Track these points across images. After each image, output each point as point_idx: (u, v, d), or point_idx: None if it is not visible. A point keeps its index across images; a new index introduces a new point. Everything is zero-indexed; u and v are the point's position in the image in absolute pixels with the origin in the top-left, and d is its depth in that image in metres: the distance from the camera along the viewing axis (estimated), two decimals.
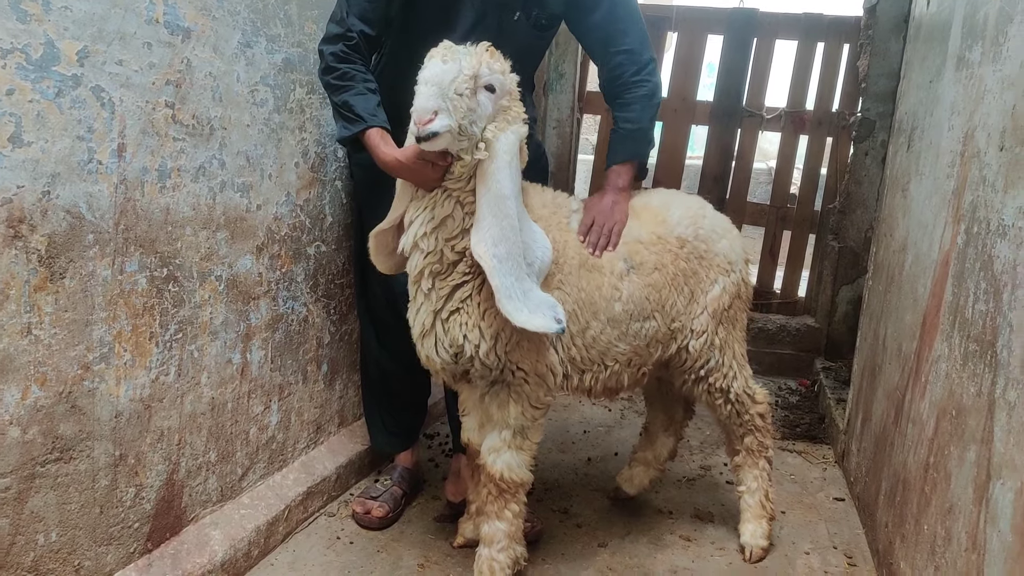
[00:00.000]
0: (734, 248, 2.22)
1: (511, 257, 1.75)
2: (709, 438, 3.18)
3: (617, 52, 2.18)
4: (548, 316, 1.78)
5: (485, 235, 1.75)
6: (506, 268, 1.74)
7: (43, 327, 1.52)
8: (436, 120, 1.69)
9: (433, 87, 1.69)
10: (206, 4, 1.83)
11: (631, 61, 2.18)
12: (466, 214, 1.82)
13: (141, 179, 1.71)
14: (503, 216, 1.75)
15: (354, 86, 1.98)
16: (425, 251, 1.84)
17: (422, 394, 2.60)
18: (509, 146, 1.79)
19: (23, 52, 1.43)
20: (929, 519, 1.77)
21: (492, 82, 1.76)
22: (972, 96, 1.83)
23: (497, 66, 1.78)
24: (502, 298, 1.74)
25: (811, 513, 2.62)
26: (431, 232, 1.82)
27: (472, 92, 1.72)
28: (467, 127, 1.73)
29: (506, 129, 1.80)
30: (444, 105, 1.69)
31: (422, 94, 1.70)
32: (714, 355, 2.18)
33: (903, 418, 2.11)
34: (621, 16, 2.18)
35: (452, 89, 1.69)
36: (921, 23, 2.58)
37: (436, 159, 1.79)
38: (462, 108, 1.70)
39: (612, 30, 2.17)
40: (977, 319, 1.61)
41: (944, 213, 1.95)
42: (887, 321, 2.49)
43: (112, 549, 1.76)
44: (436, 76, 1.70)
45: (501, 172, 1.76)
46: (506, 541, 1.99)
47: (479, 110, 1.75)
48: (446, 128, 1.69)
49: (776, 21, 4.19)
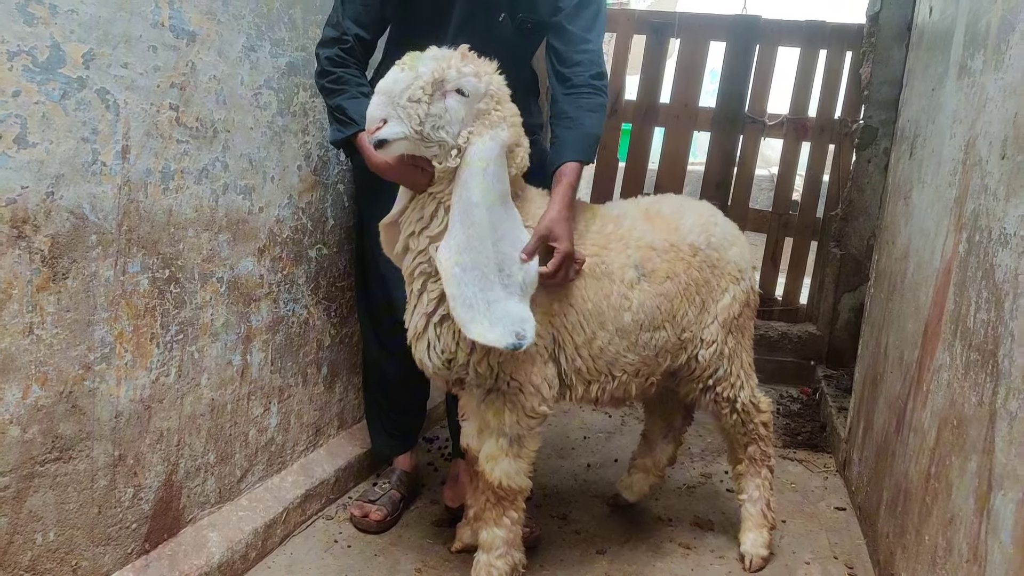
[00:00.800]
0: (744, 256, 2.21)
1: (477, 266, 1.72)
2: (710, 445, 3.17)
3: (577, 51, 2.11)
4: (507, 331, 1.71)
5: (451, 242, 1.73)
6: (469, 277, 1.71)
7: (45, 327, 1.53)
8: (385, 128, 1.69)
9: (383, 96, 1.69)
10: (211, 8, 1.84)
11: (591, 64, 2.10)
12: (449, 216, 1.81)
13: (144, 181, 1.71)
14: (470, 224, 1.72)
15: (347, 90, 2.00)
16: (415, 251, 1.84)
17: (421, 397, 2.60)
18: (483, 153, 1.74)
19: (29, 54, 1.44)
20: (930, 530, 1.76)
21: (462, 86, 1.72)
22: (974, 104, 1.83)
23: (468, 68, 1.73)
24: (457, 307, 1.71)
25: (812, 522, 2.61)
26: (419, 232, 1.82)
27: (431, 97, 1.69)
28: (430, 133, 1.71)
29: (483, 134, 1.75)
30: (393, 113, 1.68)
31: (372, 103, 1.71)
32: (723, 364, 2.16)
33: (904, 427, 2.11)
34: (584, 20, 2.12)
35: (404, 96, 1.67)
36: (923, 31, 2.58)
37: (423, 163, 1.79)
38: (417, 115, 1.68)
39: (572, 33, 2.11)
40: (979, 328, 1.60)
41: (946, 221, 1.95)
42: (889, 329, 2.48)
43: (110, 549, 1.76)
44: (387, 85, 1.70)
45: (472, 179, 1.73)
46: (504, 547, 1.98)
47: (447, 115, 1.72)
48: (396, 135, 1.69)
49: (778, 28, 4.20)
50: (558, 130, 2.07)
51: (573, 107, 2.06)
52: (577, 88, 2.08)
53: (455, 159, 1.75)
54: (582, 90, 2.08)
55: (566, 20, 2.12)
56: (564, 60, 2.12)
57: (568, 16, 2.12)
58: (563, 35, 2.13)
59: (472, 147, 1.74)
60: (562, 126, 2.06)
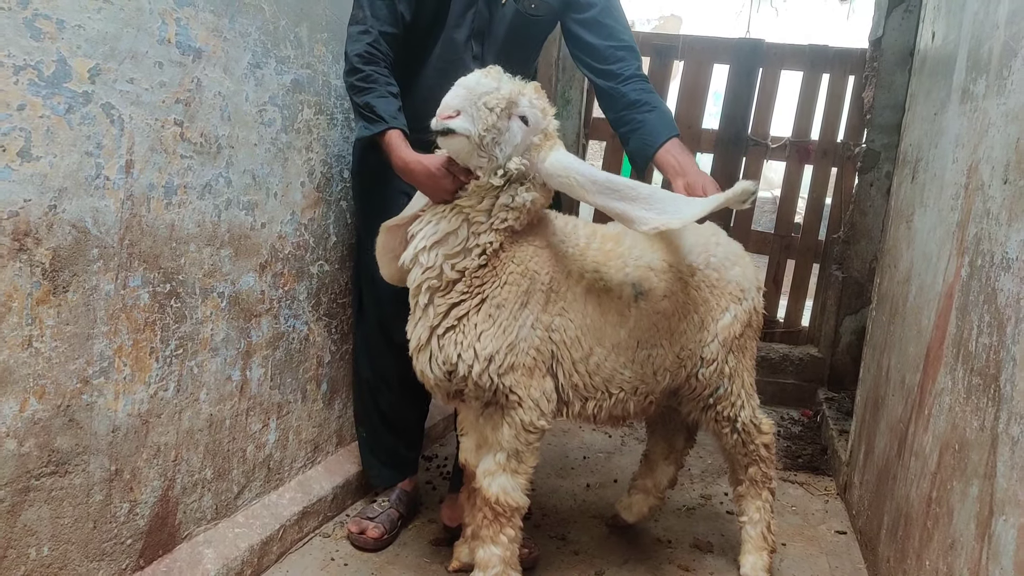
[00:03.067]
0: (746, 276, 2.20)
1: (663, 200, 1.80)
2: (710, 467, 3.15)
3: (618, 47, 2.18)
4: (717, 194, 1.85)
5: (638, 216, 1.79)
6: (674, 205, 1.80)
7: (44, 340, 1.53)
8: (457, 118, 1.72)
9: (463, 90, 1.74)
10: (218, 25, 1.85)
11: (633, 56, 2.19)
12: (472, 233, 1.82)
13: (147, 195, 1.72)
14: (627, 189, 1.79)
15: (376, 88, 2.00)
16: (424, 266, 1.84)
17: (417, 426, 2.55)
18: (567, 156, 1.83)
19: (35, 69, 1.45)
20: (931, 555, 1.75)
21: (528, 115, 1.79)
22: (976, 129, 1.84)
23: (538, 103, 1.81)
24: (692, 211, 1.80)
25: (812, 546, 2.59)
26: (431, 247, 1.83)
27: (502, 112, 1.74)
28: (488, 143, 1.75)
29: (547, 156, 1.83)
30: (469, 109, 1.72)
31: (451, 93, 1.75)
32: (723, 383, 2.16)
33: (906, 451, 2.10)
34: (616, 16, 2.20)
35: (482, 99, 1.72)
36: (926, 56, 2.60)
37: (459, 172, 1.81)
38: (487, 121, 1.72)
39: (611, 27, 2.18)
40: (981, 352, 1.60)
41: (948, 245, 1.95)
42: (891, 352, 2.48)
43: (104, 565, 1.74)
44: (470, 82, 1.75)
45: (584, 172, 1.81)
46: (501, 567, 1.97)
47: (507, 135, 1.77)
48: (464, 130, 1.72)
49: (782, 52, 4.23)
50: (639, 116, 2.13)
51: (638, 94, 2.14)
52: (629, 79, 2.15)
53: (498, 179, 1.79)
54: (635, 80, 2.16)
55: (600, 14, 2.17)
56: (606, 56, 2.17)
57: (603, 11, 2.17)
58: (599, 29, 2.18)
59: (553, 159, 1.82)
60: (641, 111, 2.13)
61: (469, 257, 1.83)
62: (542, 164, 1.82)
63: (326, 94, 2.31)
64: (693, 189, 1.97)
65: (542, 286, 1.89)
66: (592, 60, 2.21)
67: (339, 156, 2.41)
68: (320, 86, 2.27)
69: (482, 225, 1.82)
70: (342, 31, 2.15)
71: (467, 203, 1.82)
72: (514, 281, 1.85)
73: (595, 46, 2.19)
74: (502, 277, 1.85)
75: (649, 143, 2.10)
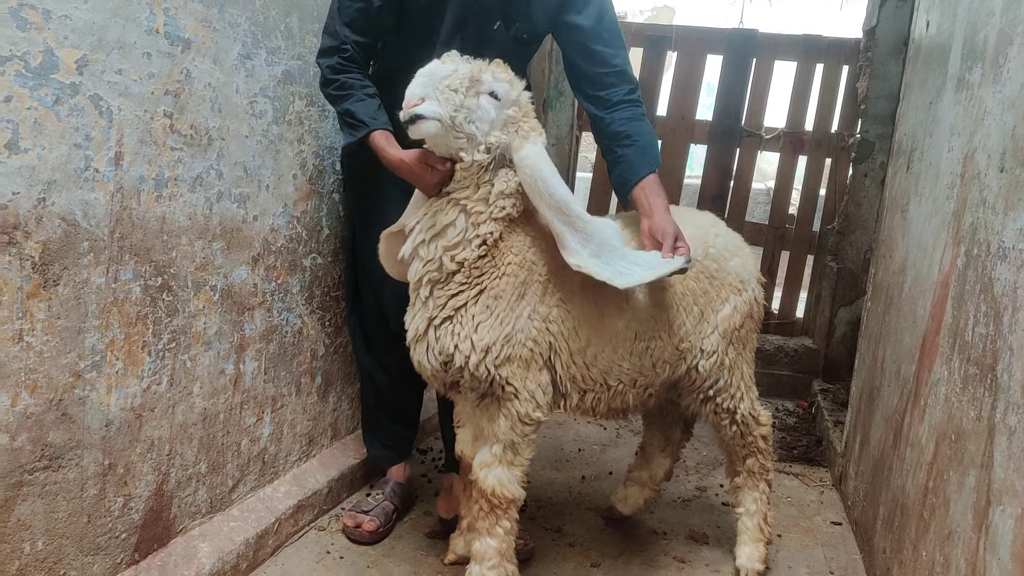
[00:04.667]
0: (746, 267, 2.20)
1: (604, 246, 1.81)
2: (705, 458, 3.16)
3: (608, 73, 2.14)
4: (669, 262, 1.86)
5: (571, 246, 1.80)
6: (607, 258, 1.81)
7: (35, 334, 1.51)
8: (423, 104, 1.73)
9: (423, 77, 1.76)
10: (207, 16, 1.83)
11: (623, 80, 2.15)
12: (471, 224, 1.82)
13: (138, 188, 1.70)
14: (576, 219, 1.79)
15: (353, 93, 2.01)
16: (424, 259, 1.84)
17: (413, 408, 2.59)
18: (543, 156, 1.81)
19: (22, 60, 1.43)
20: (927, 545, 1.75)
21: (496, 89, 1.80)
22: (972, 117, 1.83)
23: (503, 75, 1.82)
24: (617, 282, 1.79)
25: (808, 537, 2.59)
26: (430, 240, 1.83)
27: (468, 91, 1.75)
28: (462, 122, 1.75)
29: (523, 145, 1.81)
30: (432, 94, 1.74)
31: (412, 83, 1.76)
32: (723, 375, 2.15)
33: (902, 442, 2.10)
34: (607, 38, 2.15)
35: (444, 83, 1.74)
36: (921, 45, 2.59)
37: (436, 163, 1.82)
38: (454, 101, 1.73)
39: (599, 53, 2.14)
40: (977, 342, 1.60)
41: (944, 235, 1.94)
42: (886, 343, 2.48)
43: (99, 559, 1.73)
44: (428, 70, 1.77)
45: (551, 181, 1.79)
46: (497, 559, 1.96)
47: (479, 112, 1.77)
48: (433, 114, 1.73)
49: (775, 42, 4.21)
50: (619, 150, 2.12)
51: (622, 125, 2.12)
52: (616, 106, 2.13)
53: (482, 154, 1.80)
54: (622, 107, 2.13)
55: (589, 40, 2.13)
56: (596, 83, 2.15)
57: (590, 35, 2.13)
58: (589, 56, 2.14)
59: (528, 157, 1.80)
60: (621, 145, 2.11)
61: (468, 248, 1.82)
62: (517, 152, 1.82)
63: (318, 85, 2.29)
64: (654, 233, 1.98)
65: (540, 276, 1.88)
66: (581, 84, 2.19)
67: (331, 148, 2.40)
68: (311, 77, 2.25)
69: (481, 215, 1.82)
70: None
71: (462, 194, 1.82)
72: (512, 272, 1.84)
73: (584, 72, 2.16)
74: (501, 268, 1.84)
75: (626, 179, 2.09)
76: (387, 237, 1.99)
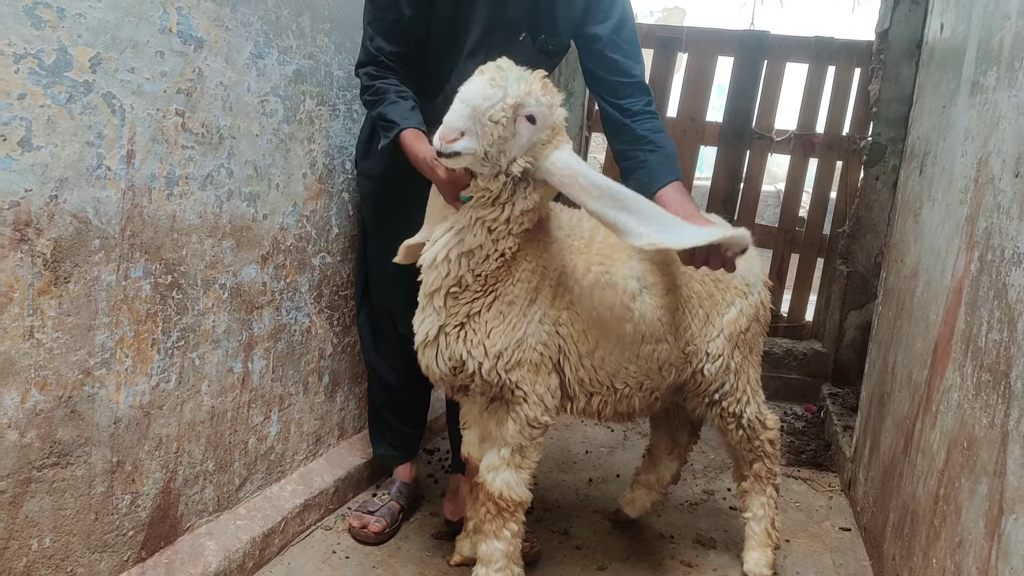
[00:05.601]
0: (752, 270, 2.18)
1: (663, 220, 1.73)
2: (713, 462, 3.14)
3: (626, 83, 2.14)
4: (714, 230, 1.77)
5: (634, 230, 1.72)
6: (672, 228, 1.72)
7: (45, 331, 1.51)
8: (461, 141, 1.66)
9: (467, 107, 1.65)
10: (219, 15, 1.83)
11: (641, 92, 2.15)
12: (494, 240, 1.78)
13: (149, 186, 1.70)
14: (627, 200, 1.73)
15: (387, 97, 2.01)
16: (445, 274, 1.81)
17: (420, 407, 2.59)
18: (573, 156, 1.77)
19: (36, 57, 1.43)
20: (938, 553, 1.73)
21: (535, 113, 1.71)
22: (987, 121, 1.82)
23: (545, 99, 1.73)
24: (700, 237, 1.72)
25: (816, 543, 2.58)
26: (456, 258, 1.79)
27: (509, 120, 1.67)
28: (494, 154, 1.70)
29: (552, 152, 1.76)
30: (474, 128, 1.66)
31: (455, 111, 1.67)
32: (729, 379, 2.14)
33: (912, 448, 2.08)
34: (626, 48, 2.15)
35: (488, 115, 1.65)
36: (934, 48, 2.57)
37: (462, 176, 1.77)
38: (492, 135, 1.66)
39: (617, 62, 2.14)
40: (991, 348, 1.58)
41: (957, 240, 1.93)
42: (897, 348, 2.46)
43: (106, 556, 1.74)
44: (474, 96, 1.66)
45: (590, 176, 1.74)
46: (503, 561, 1.96)
47: (513, 140, 1.70)
48: (469, 151, 1.67)
49: (787, 44, 4.19)
50: (642, 154, 2.10)
51: (645, 130, 2.11)
52: (637, 116, 2.13)
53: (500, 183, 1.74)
54: (643, 116, 2.13)
55: (607, 49, 2.13)
56: (616, 91, 2.15)
57: (608, 44, 2.13)
58: (606, 65, 2.14)
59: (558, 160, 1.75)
60: (644, 150, 2.10)
61: (487, 261, 1.80)
62: (544, 161, 1.76)
63: (328, 85, 2.29)
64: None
65: (551, 281, 1.87)
66: (600, 91, 2.20)
67: (341, 147, 2.40)
68: (322, 77, 2.25)
69: (502, 231, 1.78)
70: (345, 21, 2.14)
71: (482, 212, 1.77)
72: (526, 278, 1.83)
73: (602, 79, 2.17)
74: (515, 275, 1.82)
75: (647, 184, 2.05)
76: (407, 248, 1.97)
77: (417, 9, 2.05)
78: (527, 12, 2.12)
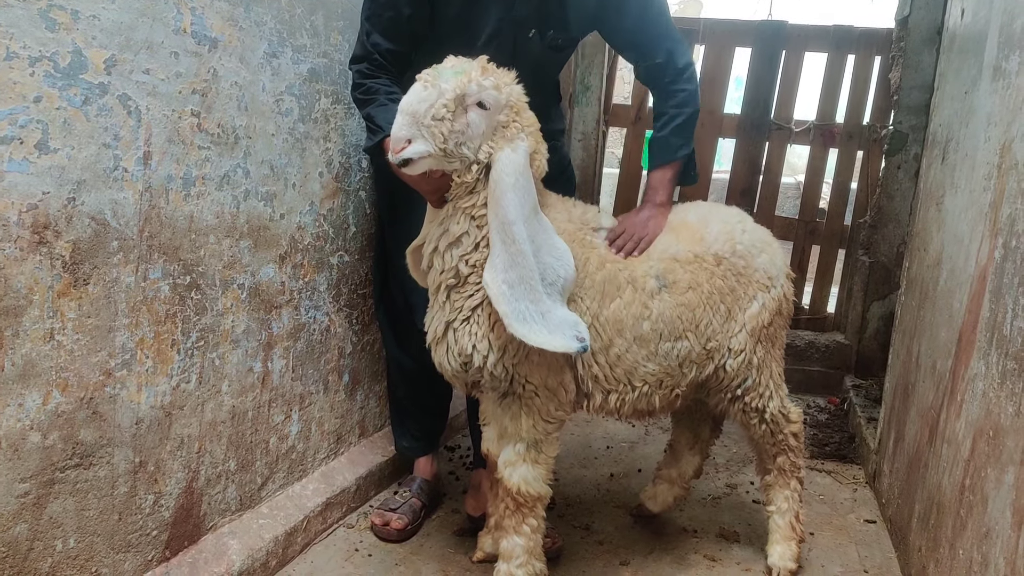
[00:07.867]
0: (774, 263, 2.15)
1: (523, 282, 1.72)
2: (735, 456, 3.12)
3: (650, 66, 2.20)
4: (568, 335, 1.74)
5: (495, 262, 1.74)
6: (518, 293, 1.72)
7: (66, 333, 1.53)
8: (410, 147, 1.69)
9: (407, 116, 1.69)
10: (233, 15, 1.84)
11: (663, 72, 2.19)
12: (478, 226, 1.80)
13: (166, 187, 1.71)
14: (510, 242, 1.72)
15: (377, 99, 2.01)
16: (439, 268, 1.84)
17: (442, 399, 2.60)
18: (510, 167, 1.73)
19: (51, 60, 1.44)
20: (965, 544, 1.71)
21: (483, 99, 1.72)
22: (1009, 107, 1.78)
23: (488, 82, 1.73)
24: (512, 322, 1.71)
25: (841, 535, 2.55)
26: (445, 249, 1.82)
27: (454, 114, 1.69)
28: (453, 149, 1.71)
29: (503, 148, 1.75)
30: (418, 132, 1.68)
31: (396, 122, 1.70)
32: (751, 374, 2.12)
33: (938, 438, 2.05)
34: (650, 30, 2.18)
35: (428, 116, 1.68)
36: (955, 34, 2.53)
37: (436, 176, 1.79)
38: (441, 133, 1.68)
39: (643, 42, 2.19)
40: (1016, 336, 1.55)
41: (981, 227, 1.89)
42: (921, 338, 2.42)
43: (130, 556, 1.75)
44: (411, 105, 1.69)
45: (504, 197, 1.72)
46: (525, 556, 1.96)
47: (469, 130, 1.72)
48: (420, 154, 1.70)
49: (805, 33, 4.15)
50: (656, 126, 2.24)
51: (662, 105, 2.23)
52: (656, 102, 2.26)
53: (475, 173, 1.76)
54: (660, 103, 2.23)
55: (632, 35, 2.19)
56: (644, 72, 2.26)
57: (634, 29, 2.18)
58: (634, 50, 2.24)
59: (498, 163, 1.75)
60: (656, 123, 2.24)
61: (477, 250, 1.81)
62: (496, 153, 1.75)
63: (343, 83, 2.30)
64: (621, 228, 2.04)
65: None
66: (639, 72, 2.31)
67: (356, 145, 2.40)
68: (337, 75, 2.26)
69: (484, 217, 1.79)
70: (358, 19, 2.13)
71: (465, 203, 1.79)
72: None
73: (634, 60, 2.27)
74: None
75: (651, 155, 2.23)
76: (412, 253, 1.99)
77: (416, 8, 2.06)
78: (535, 9, 2.11)
